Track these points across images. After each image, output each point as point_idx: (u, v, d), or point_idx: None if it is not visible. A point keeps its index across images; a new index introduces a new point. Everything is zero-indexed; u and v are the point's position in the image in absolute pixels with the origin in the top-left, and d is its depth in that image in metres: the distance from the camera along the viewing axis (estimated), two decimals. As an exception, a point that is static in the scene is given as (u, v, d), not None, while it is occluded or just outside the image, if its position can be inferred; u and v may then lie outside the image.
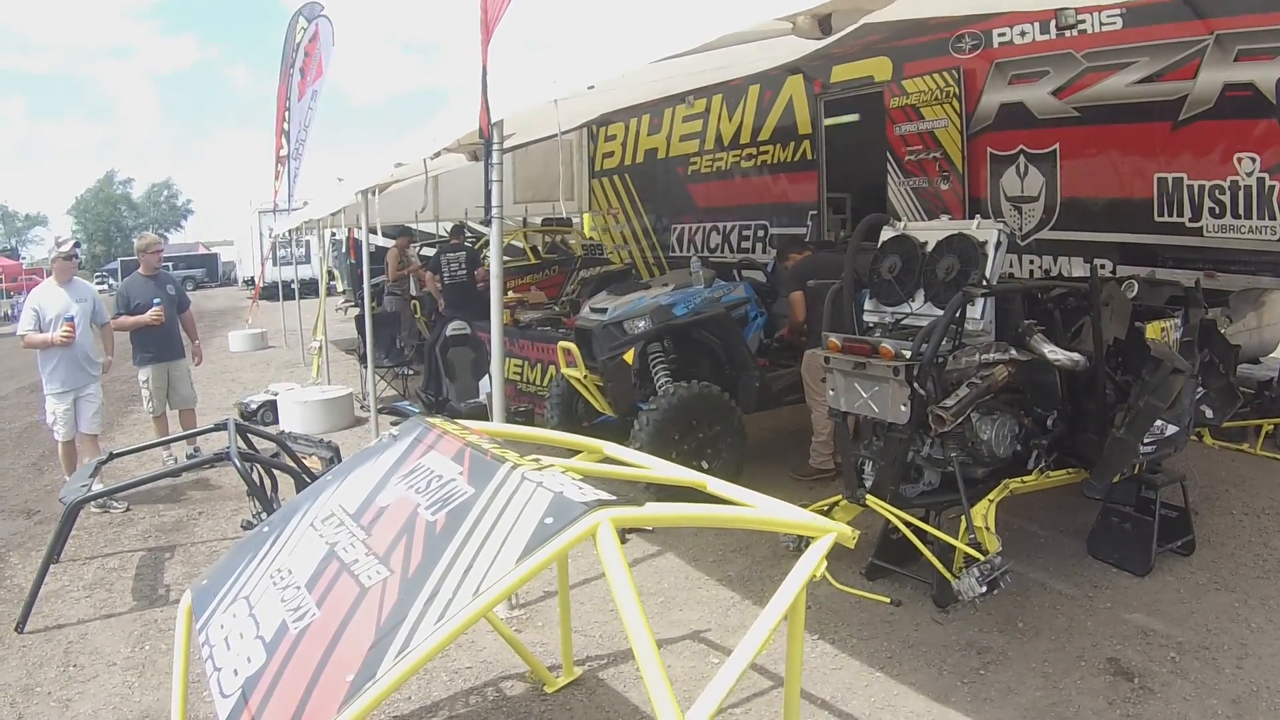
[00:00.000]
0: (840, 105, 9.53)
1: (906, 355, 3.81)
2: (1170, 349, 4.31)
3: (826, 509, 4.22)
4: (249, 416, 8.67)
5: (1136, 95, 6.58)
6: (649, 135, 12.17)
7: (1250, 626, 3.72)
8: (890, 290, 4.42)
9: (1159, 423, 4.23)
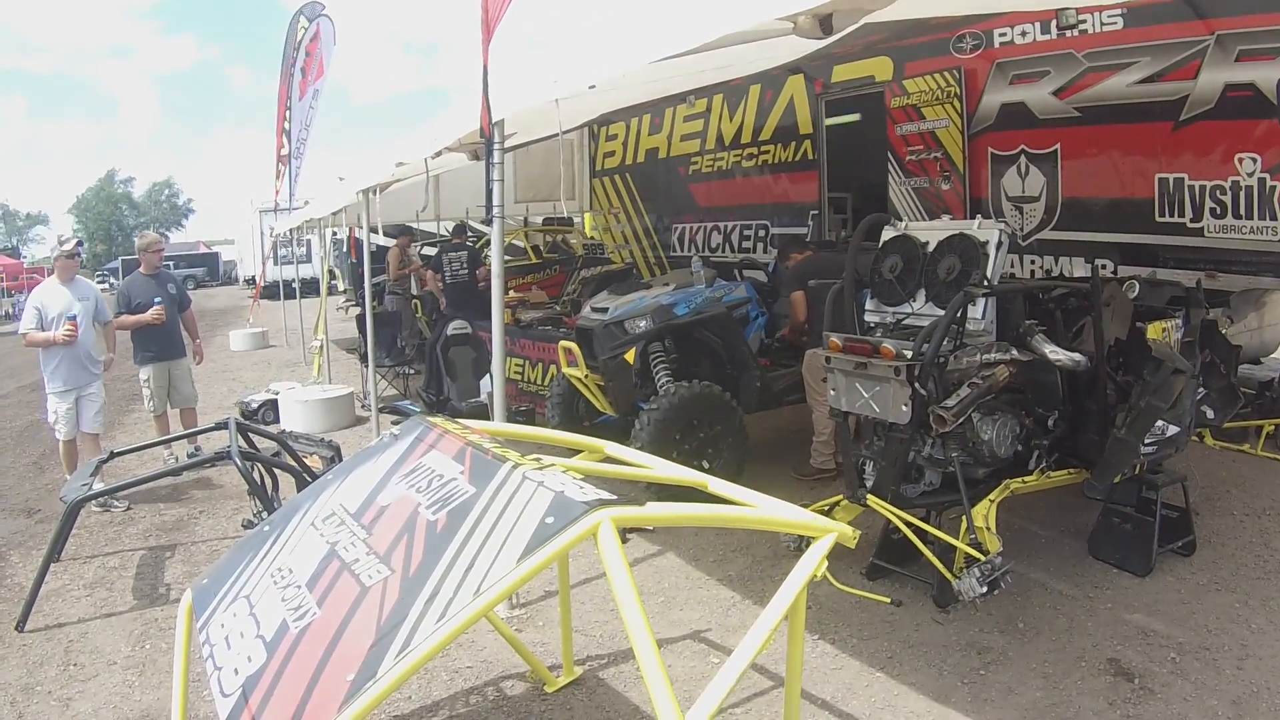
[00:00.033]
0: (841, 105, 9.51)
1: (908, 355, 3.81)
2: (1171, 349, 4.31)
3: (827, 509, 4.23)
4: (250, 415, 8.67)
5: (1137, 95, 6.57)
6: (650, 135, 12.15)
7: (1251, 627, 3.72)
8: (891, 290, 4.42)
9: (1160, 423, 4.23)
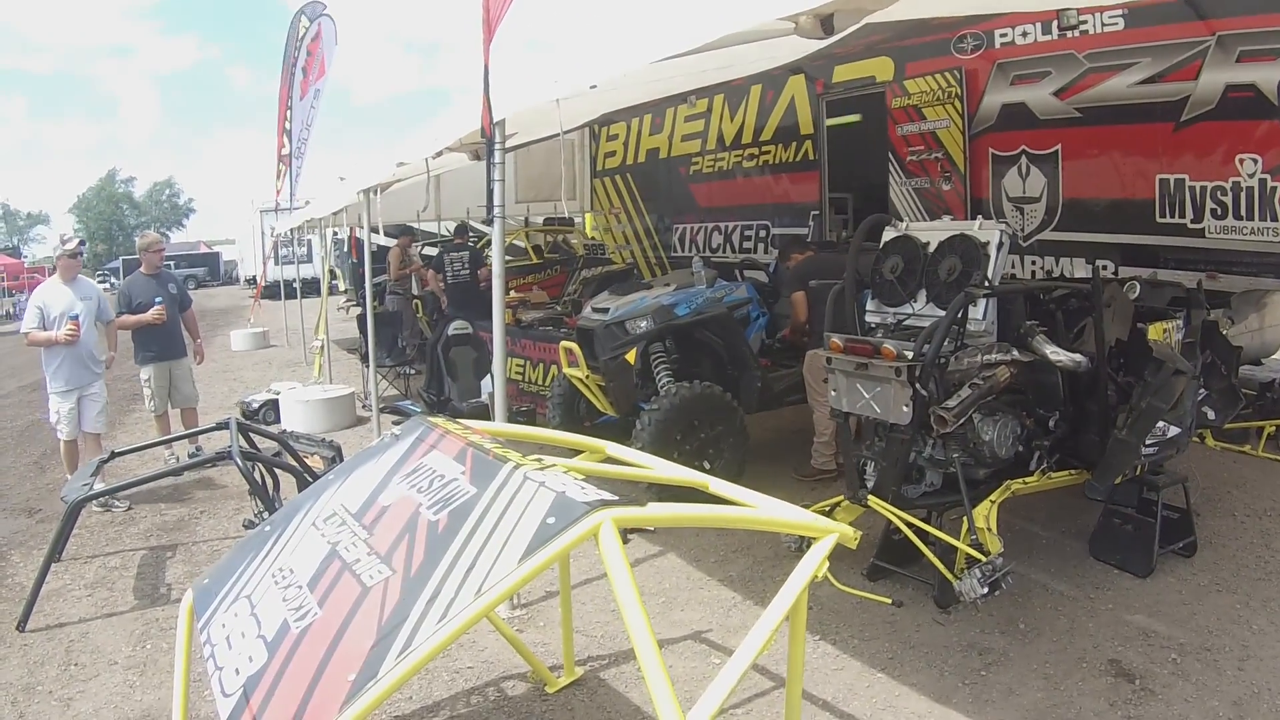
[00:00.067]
0: (842, 105, 9.51)
1: (908, 356, 3.81)
2: (1172, 350, 4.31)
3: (828, 509, 4.23)
4: (251, 415, 8.67)
5: (1138, 96, 6.57)
6: (651, 135, 12.15)
7: (1252, 628, 3.72)
8: (892, 291, 4.42)
9: (1161, 424, 4.23)
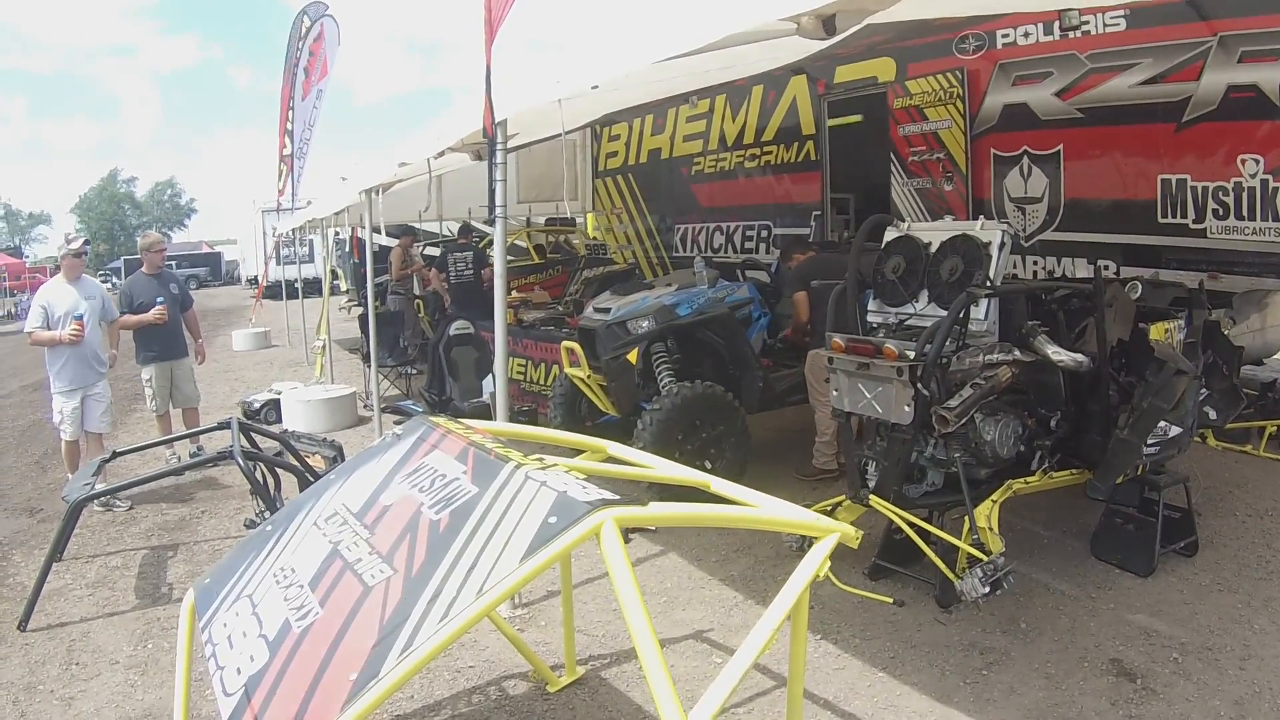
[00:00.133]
0: (844, 106, 9.51)
1: (910, 356, 3.81)
2: (1174, 350, 4.30)
3: (830, 509, 4.23)
4: (252, 415, 8.67)
5: (1140, 96, 6.57)
6: (653, 135, 12.16)
7: (1253, 628, 3.71)
8: (894, 291, 4.42)
9: (1162, 424, 4.22)
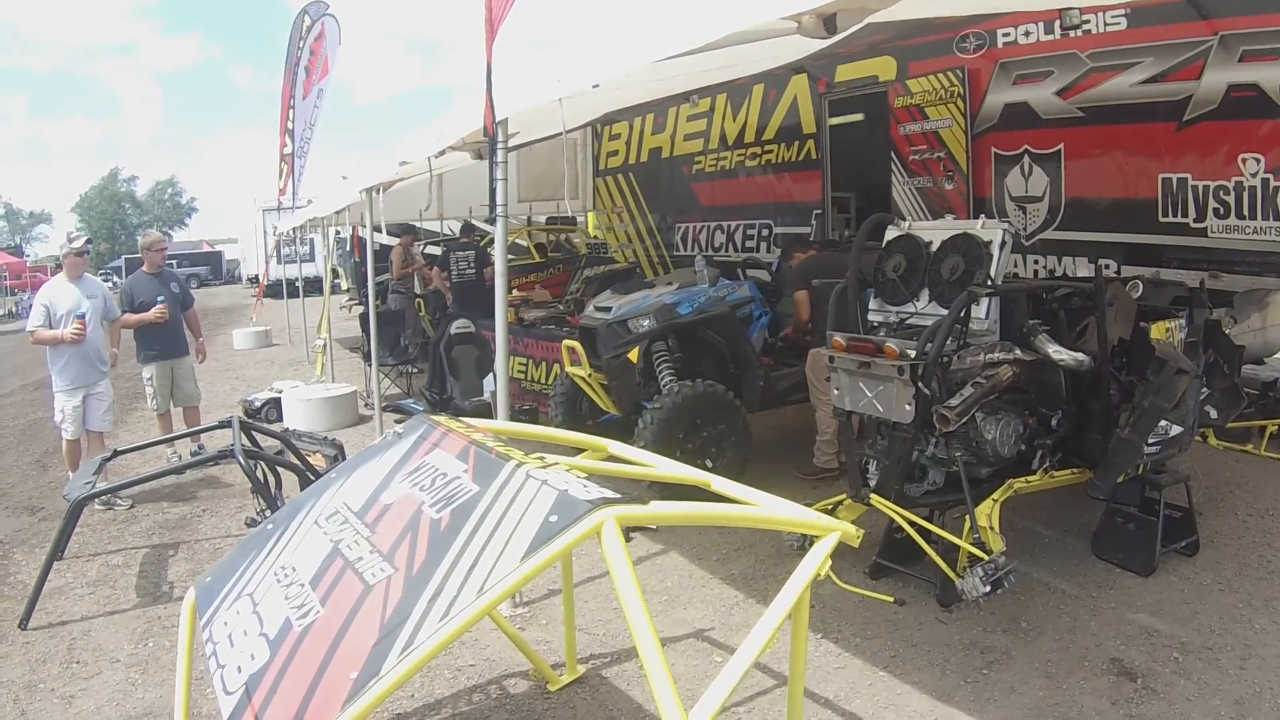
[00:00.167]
0: (845, 105, 9.52)
1: (911, 355, 3.81)
2: (1175, 349, 4.30)
3: (831, 508, 4.23)
4: (253, 414, 8.67)
5: (1141, 95, 6.57)
6: (653, 134, 12.16)
7: (1254, 628, 3.71)
8: (895, 290, 4.42)
9: (1163, 423, 4.22)
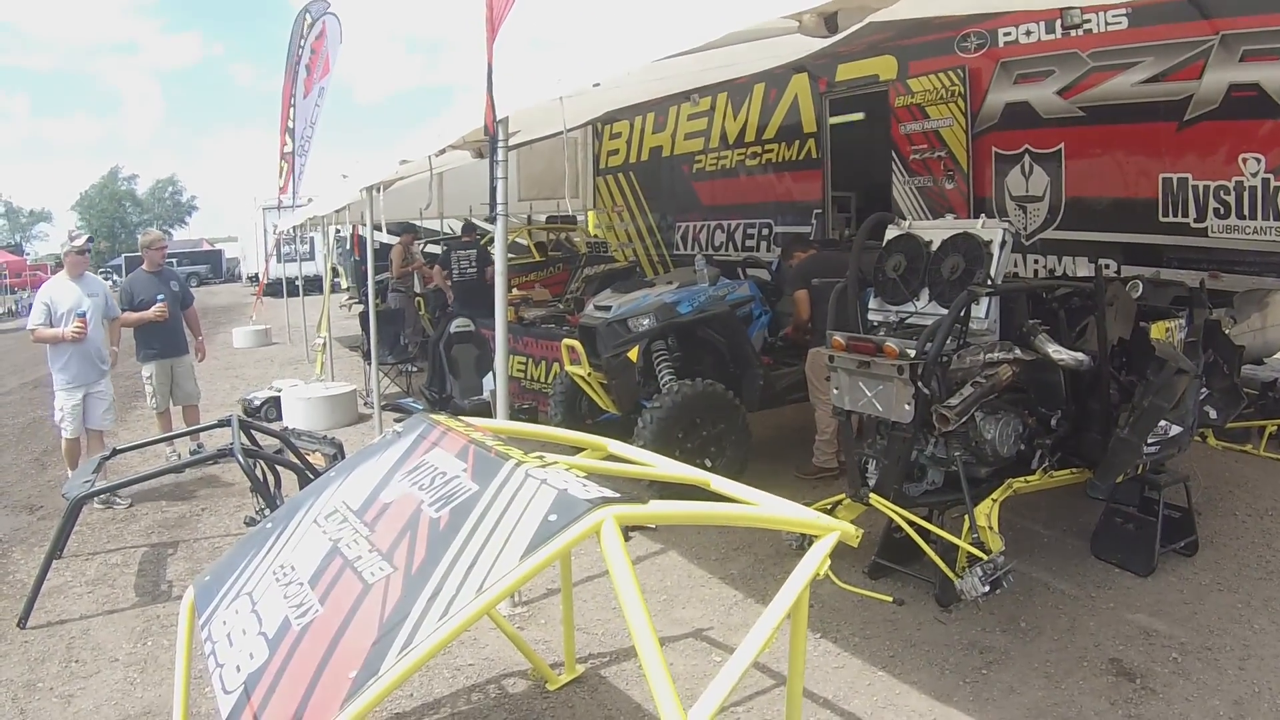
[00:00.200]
0: (845, 104, 9.51)
1: (911, 354, 3.80)
2: (1175, 349, 4.30)
3: (830, 507, 4.23)
4: (252, 413, 8.66)
5: (1142, 95, 6.56)
6: (654, 133, 12.16)
7: (1253, 628, 3.71)
8: (895, 289, 4.42)
9: (1163, 423, 4.22)
